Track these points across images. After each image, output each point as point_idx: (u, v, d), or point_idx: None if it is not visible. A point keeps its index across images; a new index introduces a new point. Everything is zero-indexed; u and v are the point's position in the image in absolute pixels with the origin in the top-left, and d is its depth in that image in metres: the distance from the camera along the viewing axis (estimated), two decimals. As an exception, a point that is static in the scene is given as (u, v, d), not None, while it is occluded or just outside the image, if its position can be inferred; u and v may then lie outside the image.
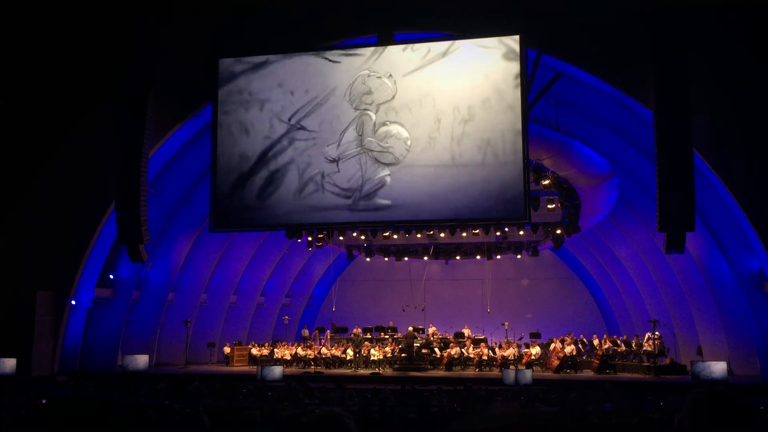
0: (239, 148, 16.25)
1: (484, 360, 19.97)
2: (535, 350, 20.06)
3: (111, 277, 20.53)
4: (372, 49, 15.88)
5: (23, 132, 18.16)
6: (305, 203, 15.72)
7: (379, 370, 19.87)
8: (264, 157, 16.08)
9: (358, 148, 15.57)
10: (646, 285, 22.71)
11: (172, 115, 17.47)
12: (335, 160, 15.67)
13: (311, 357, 21.07)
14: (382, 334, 22.45)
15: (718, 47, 14.81)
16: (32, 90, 18.04)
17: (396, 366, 20.18)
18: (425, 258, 27.25)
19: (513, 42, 15.06)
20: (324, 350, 21.26)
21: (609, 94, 16.65)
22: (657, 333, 19.00)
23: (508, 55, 15.07)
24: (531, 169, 16.64)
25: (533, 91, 15.78)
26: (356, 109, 15.72)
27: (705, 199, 15.73)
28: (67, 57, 17.70)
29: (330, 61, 16.02)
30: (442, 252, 27.11)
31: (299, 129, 15.96)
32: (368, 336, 21.99)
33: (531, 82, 15.46)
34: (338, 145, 15.69)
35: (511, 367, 18.07)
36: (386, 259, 27.60)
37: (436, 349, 20.87)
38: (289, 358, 21.25)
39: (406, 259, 27.25)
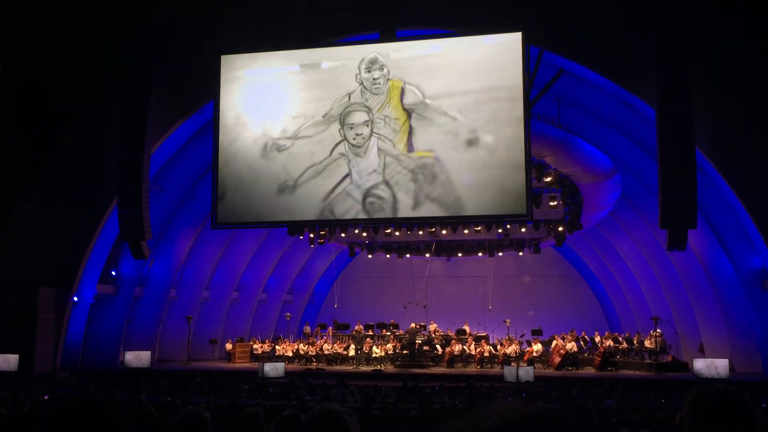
0: (241, 145, 16.25)
1: (486, 357, 19.97)
2: (537, 347, 20.05)
3: (113, 273, 20.55)
4: (375, 45, 15.86)
5: (25, 128, 18.18)
6: (307, 200, 15.70)
7: (381, 366, 19.86)
8: (266, 153, 16.06)
9: (361, 145, 15.56)
10: (648, 282, 22.69)
11: (174, 111, 17.49)
12: (338, 157, 15.65)
13: (313, 354, 21.10)
14: (384, 330, 22.46)
15: (721, 46, 14.77)
16: (34, 86, 18.04)
17: (398, 363, 20.18)
18: (427, 255, 27.22)
19: (515, 39, 15.03)
20: (326, 347, 21.28)
21: (611, 92, 16.63)
22: (659, 330, 18.99)
23: (510, 53, 15.04)
24: (533, 166, 16.61)
25: (535, 88, 15.76)
26: (359, 102, 15.69)
27: (707, 196, 15.70)
28: (69, 53, 17.70)
29: (331, 56, 16.02)
30: (444, 249, 27.07)
31: (302, 124, 15.94)
32: (370, 333, 22.00)
33: (533, 80, 15.44)
34: (343, 139, 15.66)
35: (512, 364, 18.06)
36: (388, 256, 27.57)
37: (438, 346, 20.87)
38: (290, 354, 21.28)
39: (407, 255, 27.22)
